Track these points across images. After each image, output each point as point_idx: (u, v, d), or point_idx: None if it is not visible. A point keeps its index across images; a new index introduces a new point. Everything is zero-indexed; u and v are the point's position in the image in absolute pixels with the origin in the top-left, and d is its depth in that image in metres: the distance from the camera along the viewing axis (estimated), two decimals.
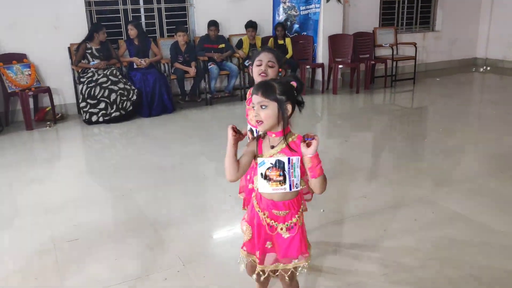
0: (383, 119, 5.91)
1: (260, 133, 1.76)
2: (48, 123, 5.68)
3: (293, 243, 1.78)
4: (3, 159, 4.54)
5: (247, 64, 6.75)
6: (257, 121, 1.69)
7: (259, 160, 1.73)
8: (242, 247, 1.88)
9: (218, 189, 3.65)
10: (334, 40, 7.30)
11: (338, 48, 7.33)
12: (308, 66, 7.30)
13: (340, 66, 7.20)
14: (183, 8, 6.93)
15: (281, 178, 1.71)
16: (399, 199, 3.34)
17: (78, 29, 5.97)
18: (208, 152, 4.63)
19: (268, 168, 1.72)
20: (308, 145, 1.67)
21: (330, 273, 2.43)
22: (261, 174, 1.74)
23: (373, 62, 7.57)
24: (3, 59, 5.58)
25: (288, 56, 7.07)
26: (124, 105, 5.70)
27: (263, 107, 1.67)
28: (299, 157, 1.71)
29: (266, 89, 1.68)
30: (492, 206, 3.18)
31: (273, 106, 1.67)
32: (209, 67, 6.53)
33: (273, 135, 1.73)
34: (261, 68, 2.16)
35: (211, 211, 3.27)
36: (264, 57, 2.16)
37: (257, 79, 2.16)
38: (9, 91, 5.49)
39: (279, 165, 1.71)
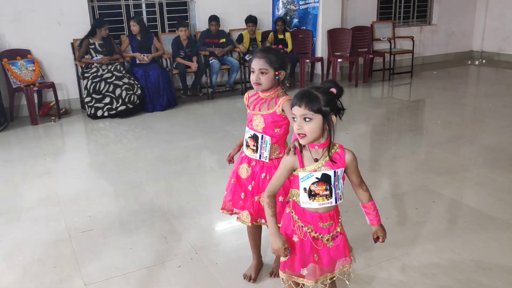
0: (382, 112, 6.02)
1: (297, 141, 1.69)
2: (53, 118, 5.77)
3: (337, 251, 1.76)
4: (12, 154, 4.63)
5: (247, 59, 6.85)
6: (299, 134, 1.61)
7: (301, 174, 1.66)
8: (282, 269, 1.76)
9: (225, 180, 3.74)
10: (333, 34, 7.40)
11: (337, 42, 7.44)
12: (307, 60, 7.40)
13: (339, 60, 7.30)
14: (184, 3, 7.00)
15: (327, 192, 1.65)
16: (400, 189, 3.46)
17: (81, 24, 6.04)
18: (211, 145, 4.73)
19: (313, 183, 1.65)
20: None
21: None
22: (305, 189, 1.66)
23: (371, 56, 7.69)
24: (7, 55, 5.64)
25: (288, 50, 7.16)
26: (131, 98, 5.78)
27: (307, 119, 1.57)
28: (343, 169, 1.68)
29: (310, 100, 1.57)
30: (490, 195, 3.30)
31: (318, 119, 1.57)
32: (210, 61, 6.62)
33: (316, 147, 1.65)
34: (253, 77, 2.08)
35: (219, 201, 3.32)
36: (255, 65, 2.06)
37: (254, 87, 2.11)
38: (14, 86, 5.56)
39: (325, 178, 1.64)
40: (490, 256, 2.55)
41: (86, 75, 5.81)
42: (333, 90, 1.62)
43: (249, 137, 2.17)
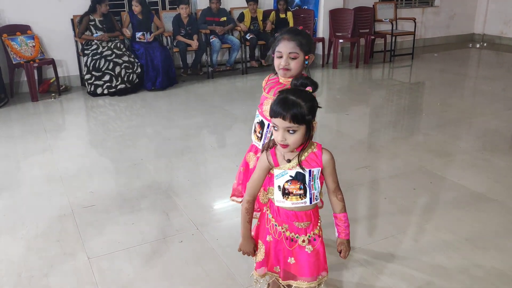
0: (382, 93, 6.03)
1: (271, 141, 1.64)
2: (53, 94, 5.76)
3: (317, 258, 1.66)
4: (12, 130, 4.64)
5: (248, 38, 6.81)
6: (281, 144, 1.53)
7: (276, 171, 1.59)
8: (255, 269, 1.72)
9: (225, 159, 3.80)
10: (334, 15, 7.35)
11: (338, 22, 7.39)
12: None
13: (340, 40, 7.27)
14: None
15: (301, 191, 1.58)
16: (398, 170, 3.50)
17: (81, 0, 5.98)
18: (211, 124, 4.75)
19: (287, 181, 1.58)
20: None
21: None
22: (279, 187, 1.59)
23: (372, 37, 7.64)
24: (7, 30, 5.60)
25: None
26: (130, 77, 5.77)
27: (291, 132, 1.49)
28: (320, 168, 1.59)
29: (295, 113, 1.47)
30: (487, 177, 3.35)
31: (302, 130, 1.51)
32: (210, 40, 6.58)
33: (294, 150, 1.58)
34: (281, 62, 1.88)
35: (220, 179, 3.41)
36: (284, 48, 1.86)
37: (279, 73, 1.94)
38: (14, 62, 5.53)
39: (299, 177, 1.57)
40: (485, 236, 2.60)
41: (86, 52, 5.79)
42: (309, 88, 1.53)
43: (257, 122, 2.10)
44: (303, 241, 1.63)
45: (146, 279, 2.28)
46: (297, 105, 1.47)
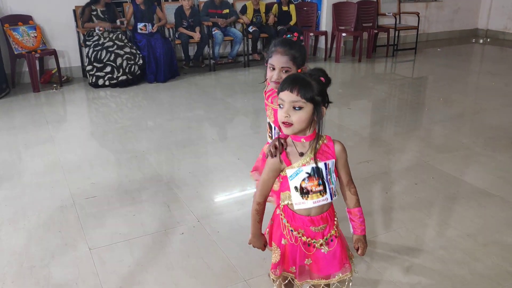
0: (385, 88, 6.01)
1: (280, 139, 1.54)
2: (55, 85, 5.75)
3: (334, 257, 1.59)
4: (14, 120, 4.64)
5: (250, 30, 6.78)
6: (284, 122, 1.44)
7: (289, 172, 1.49)
8: (271, 269, 1.65)
9: (227, 152, 3.79)
10: (338, 8, 7.32)
11: (341, 16, 7.35)
12: (311, 34, 7.33)
13: (343, 34, 7.23)
14: None
15: (321, 187, 1.50)
16: (400, 165, 3.50)
17: None
18: (213, 117, 4.74)
19: (304, 179, 1.49)
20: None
21: None
22: (295, 188, 1.50)
23: (375, 31, 7.61)
24: (9, 20, 5.58)
25: (291, 23, 7.09)
26: (132, 69, 5.76)
27: (297, 108, 1.41)
28: (334, 160, 1.53)
29: (304, 87, 1.40)
30: (489, 173, 3.34)
31: (308, 108, 1.42)
32: (213, 32, 6.55)
33: (303, 140, 1.49)
34: (273, 75, 1.84)
35: (221, 172, 3.41)
36: (277, 62, 1.83)
37: (271, 85, 1.89)
38: (15, 52, 5.52)
39: (316, 172, 1.49)
40: (487, 232, 2.60)
41: (87, 43, 5.77)
42: (322, 79, 1.46)
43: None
44: (321, 244, 1.56)
45: (147, 270, 2.29)
46: (307, 82, 1.42)
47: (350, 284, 1.64)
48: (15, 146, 4.00)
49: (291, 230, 1.56)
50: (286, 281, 1.70)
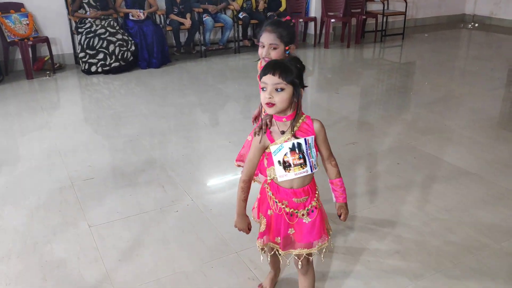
0: (372, 73, 6.16)
1: (264, 118, 1.72)
2: (48, 72, 5.83)
3: (314, 227, 1.74)
4: (10, 107, 4.73)
5: (241, 16, 6.87)
6: (267, 103, 1.59)
7: (273, 148, 1.65)
8: (258, 238, 1.80)
9: (219, 136, 3.93)
10: None
11: (330, 2, 7.46)
12: (300, 20, 7.43)
13: (332, 20, 7.34)
14: None
15: (301, 160, 1.65)
16: (384, 146, 3.66)
17: None
18: (205, 103, 4.86)
19: (285, 154, 1.65)
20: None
21: None
22: (279, 162, 1.66)
23: (364, 17, 7.72)
24: (1, 8, 5.63)
25: (281, 9, 7.18)
26: (124, 55, 5.85)
27: (279, 90, 1.56)
28: (313, 136, 1.67)
29: (284, 70, 1.57)
30: (469, 153, 3.51)
31: (289, 90, 1.57)
32: (203, 19, 6.64)
33: (284, 119, 1.64)
34: (263, 51, 2.02)
35: (213, 155, 3.55)
36: (266, 39, 2.01)
37: (262, 61, 2.06)
38: (8, 40, 5.58)
39: (297, 147, 1.64)
40: (463, 207, 2.77)
41: (80, 30, 5.84)
42: (297, 66, 1.62)
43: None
44: (302, 214, 1.71)
45: (144, 245, 2.44)
46: (287, 66, 1.57)
47: (327, 250, 1.79)
48: (12, 132, 4.10)
49: (276, 202, 1.71)
50: (272, 252, 1.85)
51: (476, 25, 9.38)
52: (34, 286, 2.14)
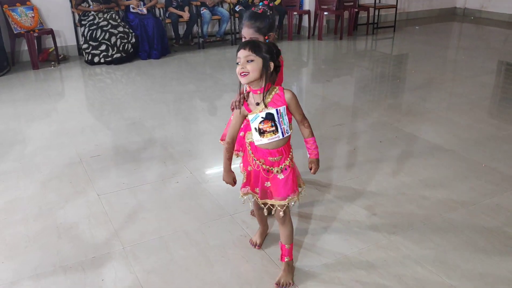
0: (364, 64, 6.43)
1: (244, 88, 1.97)
2: (53, 63, 6.10)
3: (287, 183, 2.00)
4: (18, 95, 5.00)
5: (237, 9, 7.14)
6: (241, 73, 1.83)
7: (250, 116, 1.92)
8: (241, 188, 2.12)
9: (215, 118, 4.22)
10: None
11: None
12: (295, 13, 7.70)
13: (325, 13, 7.61)
14: None
15: (273, 128, 1.91)
16: (368, 127, 3.94)
17: None
18: (203, 90, 5.13)
19: (260, 122, 1.91)
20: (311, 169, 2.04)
21: (310, 183, 3.04)
22: (255, 128, 1.93)
23: (356, 10, 7.99)
24: (7, 1, 5.89)
25: (276, 2, 7.45)
26: (125, 47, 6.12)
27: (250, 61, 1.82)
28: (285, 106, 1.91)
29: (254, 46, 1.84)
30: (446, 132, 3.80)
31: (258, 61, 1.83)
32: (201, 12, 6.90)
33: (258, 92, 1.89)
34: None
35: (210, 134, 3.83)
36: (245, 33, 2.22)
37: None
38: (15, 32, 5.84)
39: (269, 117, 1.90)
40: (437, 178, 3.06)
41: (83, 22, 6.10)
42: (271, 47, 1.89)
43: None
44: (277, 171, 2.00)
45: (148, 209, 2.72)
46: (257, 42, 1.86)
47: (297, 201, 2.06)
48: (22, 115, 4.37)
49: (255, 159, 2.01)
50: (253, 199, 2.17)
51: (467, 18, 9.65)
52: (50, 244, 2.42)
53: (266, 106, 1.91)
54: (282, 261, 2.16)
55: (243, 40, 2.26)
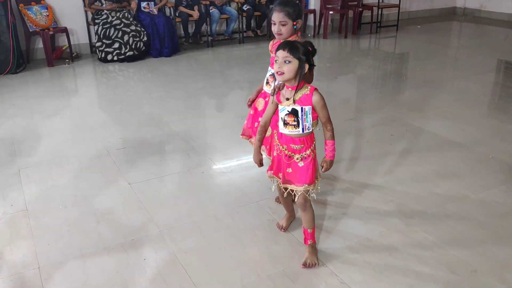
0: (369, 61, 6.62)
1: (280, 82, 2.14)
2: (67, 60, 6.25)
3: (307, 172, 2.15)
4: (37, 91, 5.15)
5: (245, 9, 7.31)
6: (278, 72, 2.01)
7: (280, 107, 2.13)
8: (267, 171, 2.33)
9: (230, 112, 4.39)
10: None
11: None
12: None
13: (330, 12, 7.79)
14: None
15: (295, 123, 2.09)
16: (379, 121, 4.12)
17: None
18: (216, 86, 5.30)
19: (285, 114, 2.10)
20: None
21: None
22: (281, 118, 2.13)
23: (360, 9, 8.17)
24: (23, 0, 6.03)
25: None
26: (137, 45, 6.28)
27: (287, 62, 1.99)
28: (311, 107, 2.07)
29: (292, 47, 1.99)
30: (454, 126, 3.98)
31: (295, 63, 1.99)
32: (210, 11, 7.07)
33: (289, 89, 2.08)
34: (274, 28, 2.39)
35: (227, 128, 4.00)
36: (276, 17, 2.37)
37: (276, 37, 2.44)
38: (30, 30, 5.99)
39: (294, 112, 2.08)
40: (447, 168, 3.24)
41: (96, 21, 6.25)
42: (309, 48, 2.05)
43: (270, 75, 2.60)
44: (297, 158, 2.16)
45: (178, 197, 2.89)
46: (295, 45, 2.02)
47: (312, 194, 2.23)
48: (43, 111, 4.52)
49: (278, 145, 2.20)
50: (277, 183, 2.34)
51: (466, 17, 9.84)
52: (90, 228, 2.59)
53: (293, 103, 2.09)
54: (306, 244, 2.33)
55: (272, 25, 2.43)
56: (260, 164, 2.29)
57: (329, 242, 2.45)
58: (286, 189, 2.27)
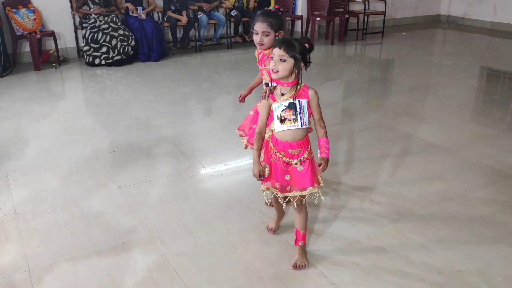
0: (355, 67, 6.71)
1: (273, 84, 2.13)
2: (54, 64, 6.21)
3: (307, 175, 2.15)
4: (24, 94, 5.10)
5: (233, 14, 7.36)
6: (273, 70, 2.01)
7: (274, 105, 2.09)
8: (262, 184, 2.23)
9: (219, 117, 4.42)
10: None
11: (315, 2, 8.00)
12: (288, 18, 7.95)
13: (317, 18, 7.88)
14: None
15: (294, 117, 2.08)
16: (366, 126, 4.19)
17: None
18: (204, 90, 5.32)
19: (283, 110, 2.08)
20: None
21: None
22: (277, 116, 2.10)
23: (347, 16, 8.28)
24: (10, 3, 5.99)
25: (270, 7, 7.69)
26: (125, 49, 6.27)
27: (282, 60, 1.99)
28: (307, 100, 2.09)
29: (288, 46, 1.98)
30: (438, 131, 4.07)
31: (290, 62, 1.99)
32: (198, 16, 7.10)
33: (285, 85, 2.08)
34: (257, 38, 2.39)
35: (217, 132, 4.02)
36: (258, 28, 2.37)
37: (258, 46, 2.44)
38: (17, 34, 5.95)
39: (292, 106, 2.07)
40: (432, 172, 3.31)
41: (84, 25, 6.24)
42: (306, 45, 2.03)
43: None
44: (296, 163, 2.15)
45: (168, 200, 2.91)
46: (292, 43, 2.00)
47: (319, 196, 2.23)
48: (32, 114, 4.49)
49: (275, 152, 2.17)
50: (273, 195, 2.33)
51: (450, 25, 10.03)
52: (81, 231, 2.59)
53: (290, 97, 2.08)
54: (296, 245, 2.36)
55: (254, 35, 2.44)
56: (259, 177, 2.19)
57: (318, 244, 2.49)
58: (285, 198, 2.26)
